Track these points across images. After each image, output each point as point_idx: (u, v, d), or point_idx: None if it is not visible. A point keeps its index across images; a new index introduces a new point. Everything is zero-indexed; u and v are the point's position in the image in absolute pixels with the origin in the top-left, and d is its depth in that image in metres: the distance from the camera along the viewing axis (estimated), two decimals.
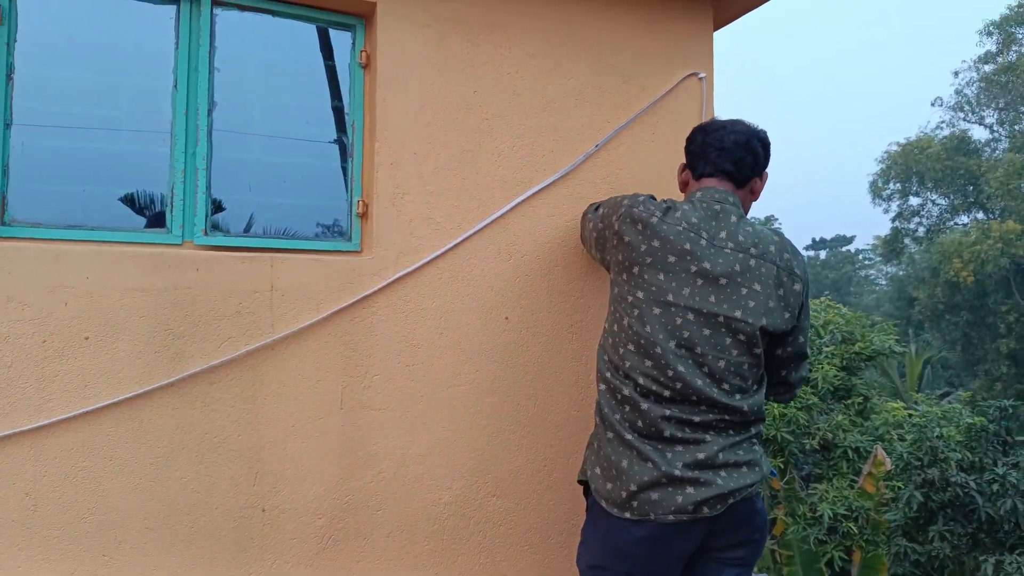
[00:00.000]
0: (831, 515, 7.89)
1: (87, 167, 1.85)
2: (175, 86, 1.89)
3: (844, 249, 40.35)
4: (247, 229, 1.96)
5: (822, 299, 10.58)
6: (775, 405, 8.29)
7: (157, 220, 1.87)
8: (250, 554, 1.82)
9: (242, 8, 1.96)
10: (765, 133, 1.81)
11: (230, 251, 1.86)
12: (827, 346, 9.43)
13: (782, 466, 8.53)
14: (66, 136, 1.84)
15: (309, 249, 1.96)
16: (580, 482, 1.80)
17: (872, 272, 35.61)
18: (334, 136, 2.06)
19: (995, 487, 6.88)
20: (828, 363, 9.03)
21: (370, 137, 2.01)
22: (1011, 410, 7.74)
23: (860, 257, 37.84)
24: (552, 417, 2.10)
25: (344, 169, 2.05)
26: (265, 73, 2.03)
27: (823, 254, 41.09)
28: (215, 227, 1.91)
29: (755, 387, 1.69)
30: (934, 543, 7.25)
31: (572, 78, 2.17)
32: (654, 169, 2.22)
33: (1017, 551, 6.71)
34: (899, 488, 7.76)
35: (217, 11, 1.93)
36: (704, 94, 2.30)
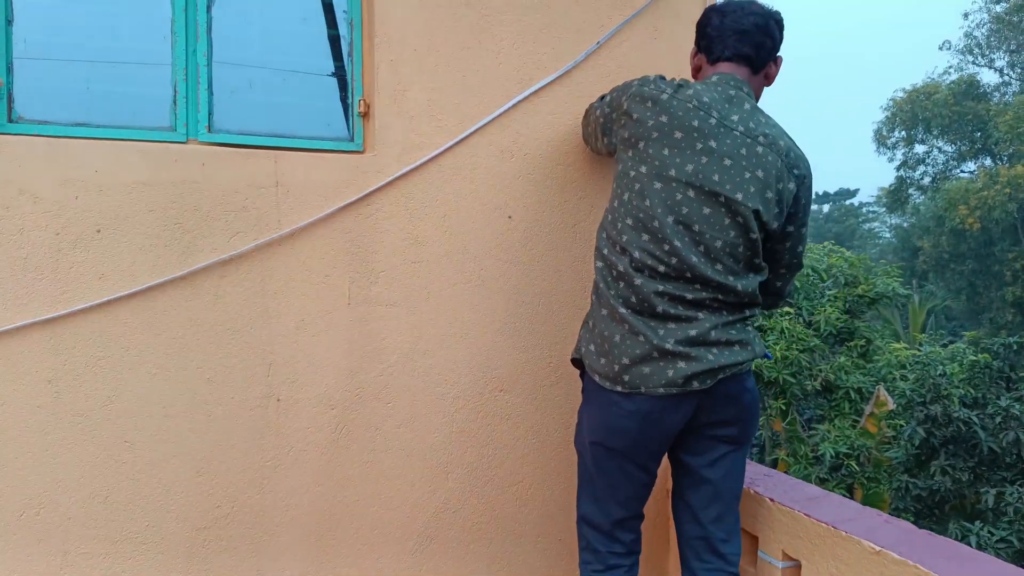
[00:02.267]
0: (833, 454, 8.00)
1: (91, 65, 1.86)
2: None
3: (848, 202, 40.05)
4: (250, 128, 1.97)
5: (824, 244, 10.55)
6: (776, 347, 8.36)
7: (162, 117, 1.88)
8: (267, 440, 1.88)
9: None
10: (780, 15, 1.79)
11: (234, 148, 1.88)
12: (829, 289, 9.44)
13: (784, 407, 8.63)
14: (69, 34, 1.84)
15: (312, 148, 1.97)
16: (574, 361, 1.83)
17: (876, 225, 35.41)
18: (332, 34, 2.05)
19: (998, 420, 6.95)
20: (831, 305, 9.05)
21: (369, 35, 2.00)
22: (1016, 346, 7.78)
23: (864, 210, 37.58)
24: (556, 314, 2.14)
25: (343, 68, 2.05)
26: None
27: (826, 208, 40.80)
28: (217, 125, 1.92)
29: (750, 272, 1.70)
30: (935, 477, 7.37)
31: None
32: (655, 66, 2.20)
33: (1018, 483, 6.82)
34: (901, 427, 7.87)
35: None
36: None
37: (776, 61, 1.81)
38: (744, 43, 1.74)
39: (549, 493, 2.15)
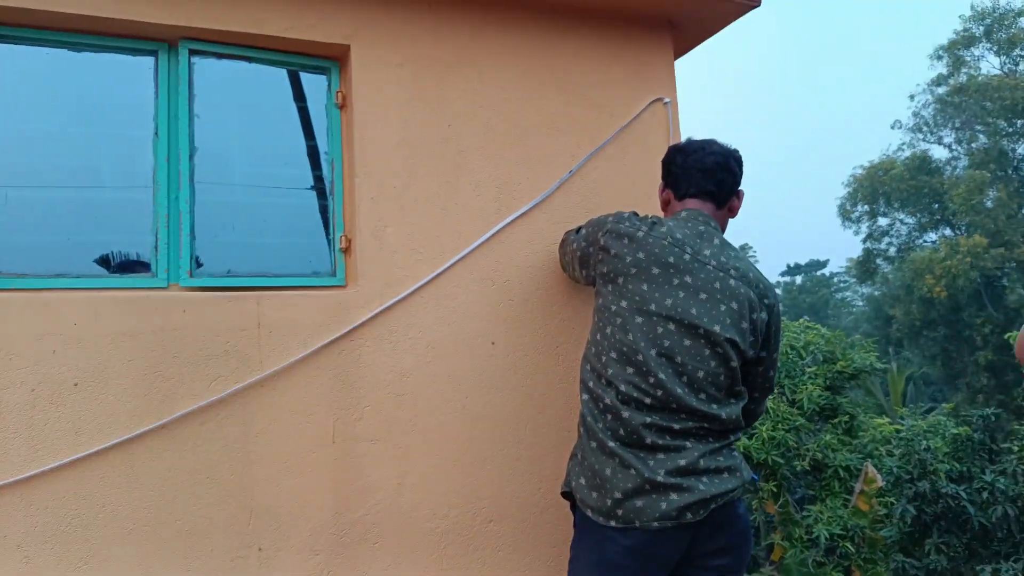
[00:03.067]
0: (827, 536, 7.85)
1: (72, 217, 1.88)
2: (156, 133, 1.93)
3: (819, 273, 40.99)
4: (232, 269, 1.99)
5: (800, 321, 10.72)
6: (763, 428, 8.33)
7: (143, 265, 1.90)
8: None
9: (219, 56, 2.02)
10: (738, 152, 1.90)
11: (216, 291, 1.89)
12: (809, 367, 9.52)
13: (775, 489, 8.52)
14: (50, 187, 1.87)
15: (294, 286, 1.99)
16: (564, 494, 1.81)
17: (848, 294, 36.16)
18: (314, 174, 2.11)
19: (985, 495, 6.93)
20: (812, 383, 9.11)
21: (349, 174, 2.06)
22: (994, 418, 7.86)
23: (835, 280, 38.45)
24: (543, 439, 2.12)
25: (325, 206, 2.10)
26: (244, 117, 2.09)
27: (799, 279, 41.69)
28: (199, 269, 1.94)
29: (731, 398, 1.73)
30: (931, 556, 7.26)
31: (543, 108, 2.25)
32: (627, 191, 2.30)
33: (1012, 558, 6.73)
34: (892, 503, 7.79)
35: (195, 60, 1.99)
36: (670, 117, 2.40)
37: (738, 195, 1.91)
38: (707, 181, 1.84)
39: None
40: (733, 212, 1.92)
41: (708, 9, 2.38)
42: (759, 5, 2.43)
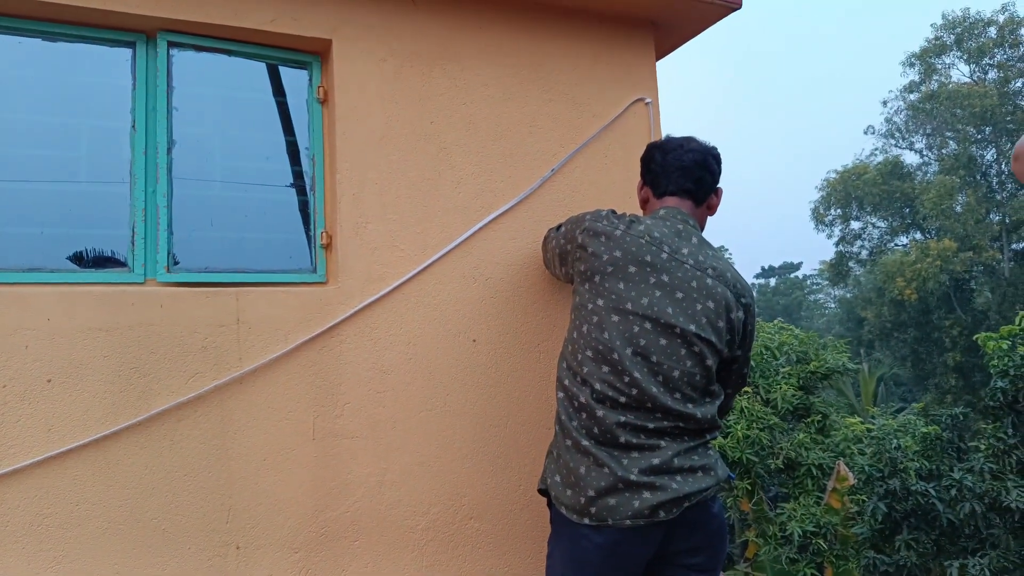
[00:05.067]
0: (800, 533, 7.97)
1: (46, 210, 1.84)
2: (133, 126, 1.90)
3: (792, 275, 41.59)
4: (211, 265, 1.96)
5: (775, 322, 10.86)
6: (737, 427, 8.43)
7: (119, 260, 1.87)
8: None
9: (198, 49, 2.00)
10: (717, 150, 1.91)
11: (194, 287, 1.86)
12: (783, 367, 9.66)
13: (749, 487, 8.62)
14: (24, 180, 1.83)
15: (275, 282, 1.97)
16: (540, 491, 1.81)
17: (821, 296, 36.72)
18: (295, 170, 2.09)
19: (953, 492, 7.08)
20: (786, 383, 9.23)
21: (331, 170, 2.05)
22: (962, 418, 8.03)
23: (808, 282, 39.03)
24: (523, 436, 2.12)
25: (305, 202, 2.08)
26: (224, 111, 2.06)
27: (772, 281, 42.25)
28: (178, 264, 1.91)
29: (706, 397, 1.73)
30: (901, 552, 7.40)
31: (525, 106, 2.25)
32: (608, 190, 2.31)
33: (979, 554, 6.89)
34: (863, 501, 7.92)
35: (173, 52, 1.96)
36: (652, 118, 2.41)
37: (716, 193, 1.92)
38: (686, 178, 1.85)
39: None
40: (712, 210, 1.93)
41: (690, 11, 2.41)
42: (740, 7, 2.46)
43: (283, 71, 2.11)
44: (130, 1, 1.85)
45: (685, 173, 1.84)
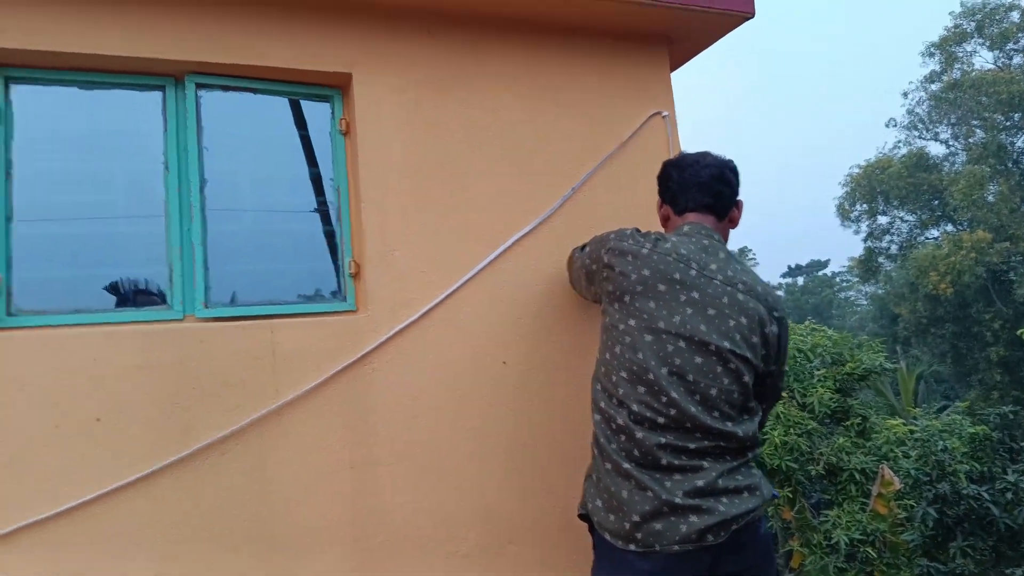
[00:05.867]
0: (847, 541, 7.77)
1: (87, 252, 1.91)
2: (166, 167, 1.97)
3: (821, 273, 40.88)
4: (244, 298, 2.01)
5: (806, 323, 10.68)
6: (775, 433, 8.29)
7: (158, 297, 1.92)
8: None
9: (225, 88, 2.06)
10: (733, 163, 1.90)
11: (230, 321, 1.91)
12: (818, 369, 9.48)
13: (790, 495, 8.45)
14: (65, 224, 1.90)
15: (306, 312, 2.01)
16: (581, 516, 1.79)
17: (852, 293, 36.02)
18: (320, 200, 2.14)
19: (1009, 495, 6.84)
20: (822, 386, 9.06)
21: (356, 200, 2.09)
22: (1012, 416, 7.77)
23: (838, 280, 38.33)
24: (558, 457, 2.12)
25: (332, 232, 2.12)
26: (250, 147, 2.12)
27: (801, 280, 41.54)
28: (213, 299, 1.96)
29: (746, 415, 1.72)
30: (956, 560, 7.16)
31: (542, 126, 2.28)
32: (629, 206, 2.32)
33: None
34: (912, 506, 7.71)
35: (201, 93, 2.03)
36: (669, 131, 2.42)
37: (737, 205, 1.91)
38: (705, 194, 1.84)
39: None
40: (734, 223, 1.93)
41: (704, 23, 2.41)
42: (753, 15, 2.46)
43: (306, 105, 2.17)
44: (160, 47, 1.92)
45: (703, 188, 1.84)
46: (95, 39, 1.86)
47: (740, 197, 1.91)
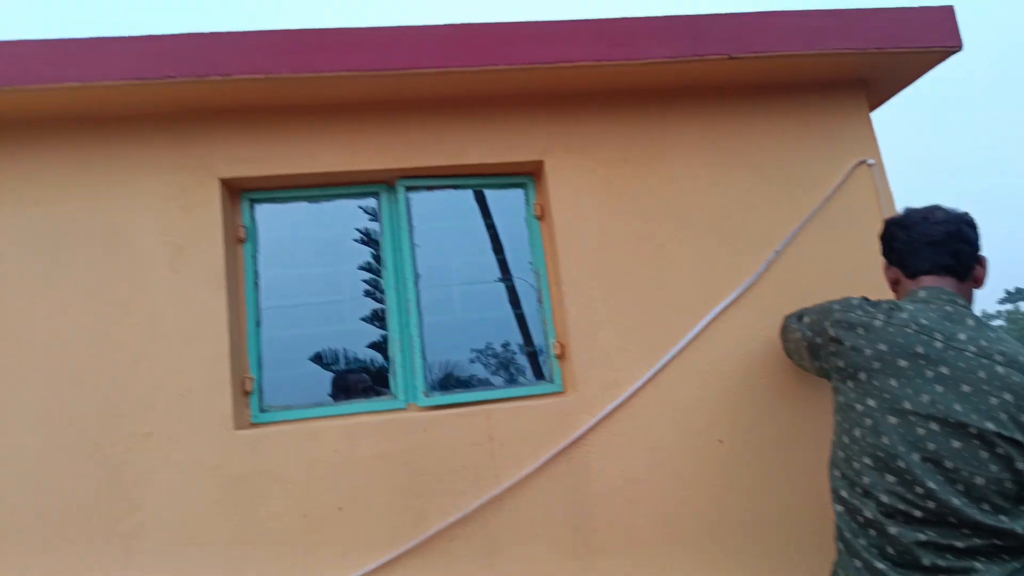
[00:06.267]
0: None
1: (322, 349, 2.09)
2: (384, 265, 2.13)
3: None
4: (458, 386, 2.10)
5: None
6: None
7: (383, 389, 2.06)
8: None
9: (430, 188, 2.21)
10: (970, 215, 1.71)
11: (448, 408, 1.99)
12: None
13: None
14: (302, 324, 2.11)
15: (518, 396, 2.06)
16: None
17: None
18: (522, 284, 2.21)
19: None
20: None
21: (555, 281, 2.13)
22: None
23: None
24: (793, 546, 1.98)
25: (535, 315, 2.17)
26: (453, 238, 2.25)
27: (1023, 305, 36.54)
28: (432, 388, 2.07)
29: (1023, 507, 1.47)
30: None
31: (737, 190, 2.21)
32: (837, 265, 2.17)
33: None
34: None
35: (410, 195, 2.19)
36: (877, 179, 2.26)
37: (980, 262, 1.69)
38: (941, 254, 1.65)
39: None
40: (979, 283, 1.70)
41: (905, 63, 2.26)
42: (960, 48, 2.26)
43: (502, 194, 2.27)
44: (374, 158, 2.10)
45: (938, 248, 1.66)
46: (321, 159, 2.07)
47: (983, 254, 1.71)
